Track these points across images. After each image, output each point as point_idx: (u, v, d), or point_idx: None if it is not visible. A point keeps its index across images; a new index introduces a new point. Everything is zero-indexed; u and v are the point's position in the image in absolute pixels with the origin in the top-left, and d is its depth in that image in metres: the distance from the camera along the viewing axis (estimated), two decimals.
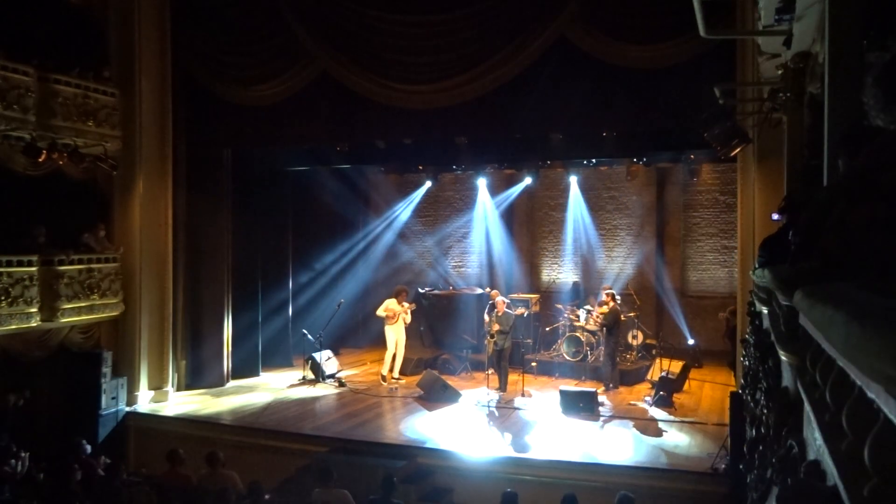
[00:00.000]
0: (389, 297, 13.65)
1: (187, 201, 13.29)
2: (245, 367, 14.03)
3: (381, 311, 13.42)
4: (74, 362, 11.93)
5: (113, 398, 11.92)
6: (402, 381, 13.35)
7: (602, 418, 10.82)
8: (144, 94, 12.54)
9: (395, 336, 13.31)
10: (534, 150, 13.85)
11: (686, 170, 15.56)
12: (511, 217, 17.49)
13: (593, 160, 15.14)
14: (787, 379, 3.62)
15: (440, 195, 18.26)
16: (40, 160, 11.14)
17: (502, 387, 12.37)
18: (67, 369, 11.97)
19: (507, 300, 13.14)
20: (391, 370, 13.42)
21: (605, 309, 12.79)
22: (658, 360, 13.18)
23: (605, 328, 12.56)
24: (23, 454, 9.21)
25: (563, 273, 17.24)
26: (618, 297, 13.19)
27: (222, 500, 7.18)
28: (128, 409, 12.15)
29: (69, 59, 11.63)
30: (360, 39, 11.76)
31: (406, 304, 13.46)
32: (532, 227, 17.55)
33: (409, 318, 13.56)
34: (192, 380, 13.38)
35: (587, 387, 12.08)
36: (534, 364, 13.66)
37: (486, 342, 12.99)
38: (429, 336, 15.11)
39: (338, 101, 12.29)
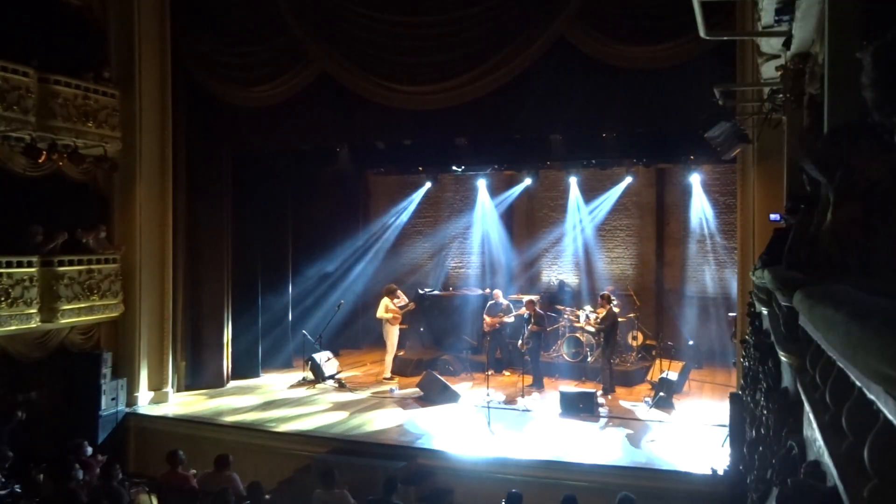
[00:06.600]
0: (381, 297, 13.78)
1: (187, 202, 13.29)
2: (245, 368, 14.01)
3: (383, 313, 13.48)
4: (74, 363, 11.90)
5: (113, 399, 11.89)
6: (395, 380, 13.43)
7: (602, 419, 10.82)
8: (144, 95, 12.52)
9: (396, 336, 13.40)
10: (533, 150, 13.84)
11: (686, 170, 15.55)
12: (511, 218, 17.48)
13: (593, 161, 15.13)
14: (786, 380, 3.62)
15: (440, 196, 18.24)
16: (40, 161, 11.13)
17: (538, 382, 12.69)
18: (67, 370, 11.94)
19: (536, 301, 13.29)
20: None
21: (601, 312, 12.78)
22: (658, 361, 13.16)
23: (602, 333, 12.50)
24: (9, 453, 9.11)
25: (563, 274, 17.22)
26: (613, 300, 13.17)
27: (221, 501, 7.18)
28: (127, 409, 12.12)
29: (69, 60, 11.61)
30: (359, 40, 11.75)
31: (397, 306, 13.55)
32: (532, 227, 17.52)
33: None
34: (192, 380, 13.37)
35: (587, 388, 12.08)
36: None
37: (522, 347, 12.96)
38: (429, 337, 15.10)
39: (337, 101, 12.30)
